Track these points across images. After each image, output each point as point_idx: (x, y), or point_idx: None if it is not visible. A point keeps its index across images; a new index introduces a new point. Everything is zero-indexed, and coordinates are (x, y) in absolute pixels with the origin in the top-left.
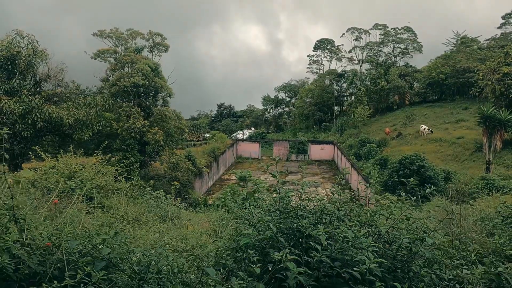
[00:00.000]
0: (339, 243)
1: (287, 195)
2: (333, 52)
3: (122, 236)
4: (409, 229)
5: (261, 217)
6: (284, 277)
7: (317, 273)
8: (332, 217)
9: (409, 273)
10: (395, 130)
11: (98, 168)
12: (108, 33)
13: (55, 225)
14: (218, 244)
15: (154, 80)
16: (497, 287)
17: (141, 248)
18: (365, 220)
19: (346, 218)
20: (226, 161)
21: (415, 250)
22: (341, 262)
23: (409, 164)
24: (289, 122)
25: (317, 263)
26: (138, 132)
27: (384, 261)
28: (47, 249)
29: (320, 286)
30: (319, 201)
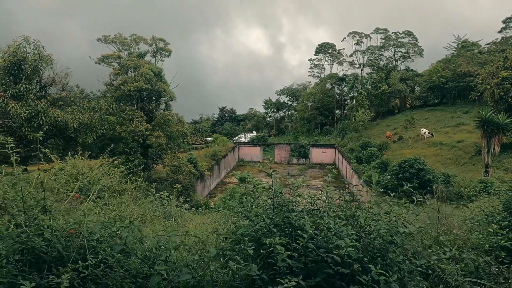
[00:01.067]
0: (323, 232)
1: (279, 191)
2: (335, 56)
3: (135, 225)
4: (387, 221)
5: (256, 210)
6: (275, 261)
7: (305, 258)
8: (320, 211)
9: (387, 260)
10: (396, 133)
11: (105, 169)
12: (112, 39)
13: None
14: (219, 233)
15: (157, 84)
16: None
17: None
18: (350, 214)
19: (332, 212)
20: (228, 165)
21: (390, 239)
22: (325, 249)
23: (408, 167)
24: (290, 125)
25: (303, 249)
26: (141, 136)
27: (359, 244)
28: (70, 235)
29: (307, 270)
30: (310, 198)
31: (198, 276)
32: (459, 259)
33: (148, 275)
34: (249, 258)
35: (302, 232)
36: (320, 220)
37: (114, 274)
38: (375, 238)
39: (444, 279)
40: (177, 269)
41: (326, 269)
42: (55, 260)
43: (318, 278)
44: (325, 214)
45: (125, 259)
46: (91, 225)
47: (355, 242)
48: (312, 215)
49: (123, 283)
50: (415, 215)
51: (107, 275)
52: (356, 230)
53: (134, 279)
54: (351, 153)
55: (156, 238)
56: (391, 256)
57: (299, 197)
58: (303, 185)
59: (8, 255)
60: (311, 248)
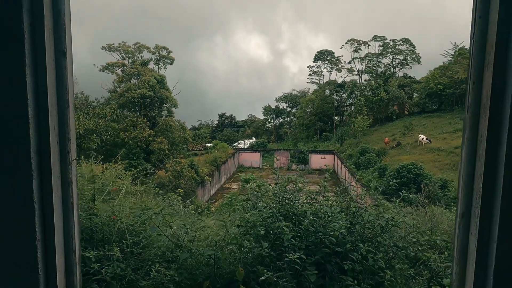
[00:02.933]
0: (321, 219)
1: (284, 185)
2: (333, 63)
3: (165, 213)
4: (377, 212)
5: (265, 201)
6: (281, 243)
7: (306, 241)
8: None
9: (375, 243)
10: (394, 139)
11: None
12: (116, 47)
13: (114, 205)
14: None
15: (160, 91)
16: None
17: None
18: (344, 205)
19: (328, 203)
20: (228, 170)
21: (377, 224)
22: (323, 233)
23: (406, 172)
24: (290, 132)
25: (305, 233)
26: (144, 141)
27: (350, 225)
28: (113, 220)
29: (308, 249)
30: (311, 194)
31: (219, 253)
32: (443, 249)
33: (177, 252)
34: (260, 239)
35: (303, 218)
36: (318, 208)
37: (149, 251)
38: (364, 224)
39: (429, 265)
40: (201, 248)
41: (324, 248)
42: (102, 240)
43: (317, 256)
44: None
45: (158, 240)
46: (127, 212)
47: (347, 226)
48: (311, 205)
49: (155, 259)
50: (403, 211)
51: (143, 252)
52: (349, 218)
53: (164, 257)
54: (350, 159)
55: (183, 221)
56: (378, 239)
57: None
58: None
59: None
60: (311, 232)
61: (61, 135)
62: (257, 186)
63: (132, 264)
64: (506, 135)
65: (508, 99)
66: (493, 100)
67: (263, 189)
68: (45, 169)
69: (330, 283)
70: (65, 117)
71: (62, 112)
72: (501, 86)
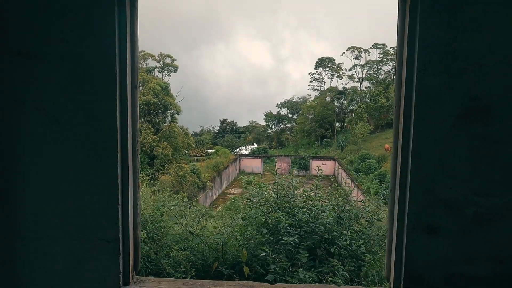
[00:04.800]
0: (313, 211)
1: (281, 183)
2: (334, 70)
3: (181, 204)
4: (363, 208)
5: (265, 196)
6: (279, 230)
7: (300, 230)
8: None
9: (359, 232)
10: None
11: None
12: None
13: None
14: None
15: (164, 98)
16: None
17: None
18: (334, 201)
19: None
20: (229, 176)
21: (360, 216)
22: (314, 222)
23: None
24: (291, 138)
25: (299, 222)
26: (149, 147)
27: (335, 215)
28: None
29: (301, 237)
30: (305, 191)
31: (226, 239)
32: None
33: (190, 238)
34: (260, 227)
35: (298, 210)
36: (310, 202)
37: (167, 237)
38: (350, 217)
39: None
40: (211, 235)
41: (314, 236)
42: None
43: (309, 242)
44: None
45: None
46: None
47: (335, 217)
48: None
49: (172, 244)
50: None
51: (162, 238)
52: (338, 211)
53: (180, 242)
54: (350, 165)
55: (196, 213)
56: (362, 229)
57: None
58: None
59: None
60: (304, 222)
61: (133, 139)
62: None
63: (154, 247)
64: (411, 142)
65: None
66: (405, 118)
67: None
68: (124, 160)
69: (320, 264)
70: (135, 128)
71: (134, 124)
72: (409, 109)
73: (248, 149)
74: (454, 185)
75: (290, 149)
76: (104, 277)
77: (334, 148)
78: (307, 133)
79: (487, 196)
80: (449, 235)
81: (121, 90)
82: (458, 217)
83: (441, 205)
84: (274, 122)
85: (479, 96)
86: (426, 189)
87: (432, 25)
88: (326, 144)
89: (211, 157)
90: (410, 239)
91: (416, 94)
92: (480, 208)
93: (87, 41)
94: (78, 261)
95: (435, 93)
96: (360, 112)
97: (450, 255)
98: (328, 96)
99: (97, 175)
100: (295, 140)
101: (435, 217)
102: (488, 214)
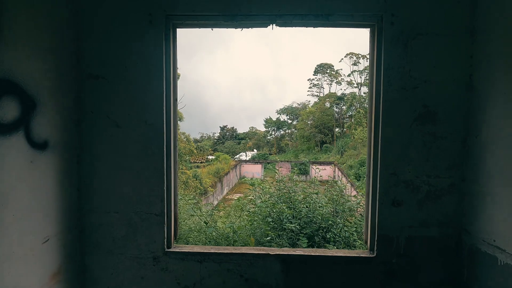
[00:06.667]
0: (311, 204)
1: (283, 179)
2: (333, 76)
3: (196, 199)
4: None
5: (269, 192)
6: (281, 220)
7: (299, 221)
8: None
9: (352, 222)
10: None
11: None
12: None
13: None
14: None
15: None
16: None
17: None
18: (330, 196)
19: (316, 192)
20: (230, 182)
21: (353, 207)
22: (312, 213)
23: None
24: (290, 143)
25: (299, 213)
26: None
27: (331, 207)
28: None
29: (301, 226)
30: (304, 189)
31: (235, 228)
32: None
33: (204, 227)
34: (266, 217)
35: (298, 203)
36: (308, 196)
37: (185, 227)
38: (343, 209)
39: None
40: (223, 223)
41: (313, 224)
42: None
43: (308, 230)
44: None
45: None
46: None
47: (329, 208)
48: (305, 196)
49: (189, 234)
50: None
51: (181, 228)
52: (334, 205)
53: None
54: (350, 170)
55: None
56: (354, 219)
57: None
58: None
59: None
60: (304, 213)
61: (174, 138)
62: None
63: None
64: (379, 138)
65: (380, 121)
66: (376, 121)
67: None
68: (168, 154)
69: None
70: (175, 129)
71: (174, 127)
72: (378, 114)
73: (249, 155)
74: (411, 170)
75: (290, 154)
76: (153, 241)
77: (333, 153)
78: (307, 139)
79: (436, 178)
80: (409, 207)
81: (166, 102)
82: (415, 194)
83: (403, 185)
84: (274, 128)
85: (428, 104)
86: (391, 173)
87: (393, 54)
88: (325, 149)
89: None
90: (380, 211)
91: (382, 103)
92: (431, 186)
93: (143, 68)
94: (134, 229)
95: (396, 102)
96: (359, 118)
97: (410, 222)
98: (327, 101)
99: (148, 165)
100: (295, 146)
101: (399, 194)
102: (437, 191)
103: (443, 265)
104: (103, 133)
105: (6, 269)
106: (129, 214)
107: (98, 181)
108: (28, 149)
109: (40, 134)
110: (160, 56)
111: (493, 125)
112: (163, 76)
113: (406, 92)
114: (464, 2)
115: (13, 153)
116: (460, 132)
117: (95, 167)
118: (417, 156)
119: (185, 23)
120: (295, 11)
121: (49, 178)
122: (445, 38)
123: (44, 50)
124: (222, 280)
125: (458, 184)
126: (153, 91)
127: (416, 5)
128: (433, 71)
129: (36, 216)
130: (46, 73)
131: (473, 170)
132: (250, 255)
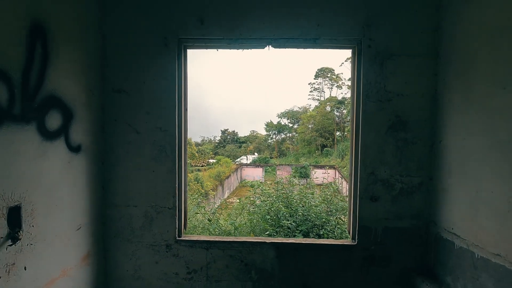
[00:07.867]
0: (306, 204)
1: (280, 181)
2: (334, 80)
3: (201, 198)
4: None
5: (268, 192)
6: (279, 218)
7: (295, 218)
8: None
9: (344, 220)
10: None
11: None
12: None
13: None
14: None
15: None
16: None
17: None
18: (324, 197)
19: (312, 192)
20: (231, 185)
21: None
22: (307, 212)
23: None
24: (291, 147)
25: (295, 212)
26: None
27: (324, 205)
28: None
29: (297, 224)
30: (301, 190)
31: (237, 225)
32: None
33: (208, 225)
34: (265, 215)
35: (294, 202)
36: (305, 196)
37: (191, 223)
38: (336, 209)
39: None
40: (225, 222)
41: (308, 222)
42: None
43: (303, 227)
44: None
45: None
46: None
47: (323, 207)
48: (301, 196)
49: (194, 231)
50: None
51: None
52: (327, 204)
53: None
54: None
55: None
56: (346, 218)
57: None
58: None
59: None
60: (300, 211)
61: (184, 142)
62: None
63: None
64: (359, 143)
65: (360, 129)
66: (356, 128)
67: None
68: (179, 156)
69: None
70: (185, 135)
71: (185, 132)
72: (358, 122)
73: (249, 159)
74: (387, 170)
75: (291, 158)
76: (166, 231)
77: (334, 157)
78: (308, 142)
79: (407, 177)
80: (385, 202)
81: (178, 111)
82: (390, 190)
83: (379, 183)
84: (275, 132)
85: (400, 114)
86: (370, 173)
87: (370, 71)
88: (326, 153)
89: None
90: (361, 205)
91: (362, 113)
92: (404, 184)
93: (159, 82)
94: (150, 220)
95: (373, 113)
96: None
97: (386, 215)
98: (328, 105)
99: (162, 166)
100: (295, 149)
101: (376, 191)
102: (409, 188)
103: (414, 251)
104: (124, 138)
105: (51, 248)
106: (146, 207)
107: (119, 179)
108: (67, 152)
109: (75, 139)
110: (173, 73)
111: (452, 132)
112: (176, 89)
113: (382, 104)
114: (429, 29)
115: (57, 155)
116: (428, 138)
117: (117, 168)
118: (392, 159)
119: (194, 45)
120: (288, 35)
121: (82, 176)
122: (414, 59)
123: (79, 70)
124: (225, 265)
125: (426, 182)
126: (167, 102)
127: (389, 31)
128: (404, 86)
129: (72, 207)
130: (80, 89)
131: (438, 170)
132: (249, 243)
